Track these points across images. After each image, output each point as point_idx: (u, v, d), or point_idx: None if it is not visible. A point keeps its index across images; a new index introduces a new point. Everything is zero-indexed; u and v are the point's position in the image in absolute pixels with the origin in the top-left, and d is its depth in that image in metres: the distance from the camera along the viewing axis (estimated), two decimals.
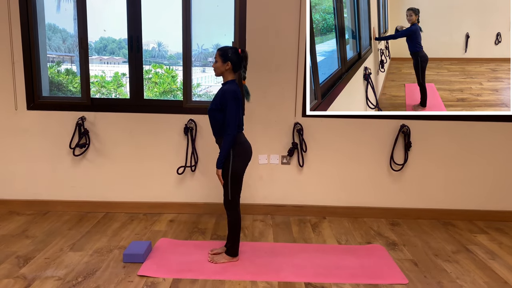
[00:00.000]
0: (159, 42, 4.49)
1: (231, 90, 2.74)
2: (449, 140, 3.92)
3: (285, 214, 4.02)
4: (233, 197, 2.87)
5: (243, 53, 2.83)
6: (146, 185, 3.98)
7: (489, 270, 3.00)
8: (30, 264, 2.90)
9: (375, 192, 4.01)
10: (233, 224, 2.92)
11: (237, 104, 2.74)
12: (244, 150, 2.86)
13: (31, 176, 3.94)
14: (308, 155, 3.94)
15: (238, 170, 2.83)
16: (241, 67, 2.85)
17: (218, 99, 2.79)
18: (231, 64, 2.79)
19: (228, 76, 2.84)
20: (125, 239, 3.37)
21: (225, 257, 2.99)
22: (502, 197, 4.02)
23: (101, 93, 4.46)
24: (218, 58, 2.81)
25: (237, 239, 2.97)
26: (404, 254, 3.24)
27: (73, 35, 4.19)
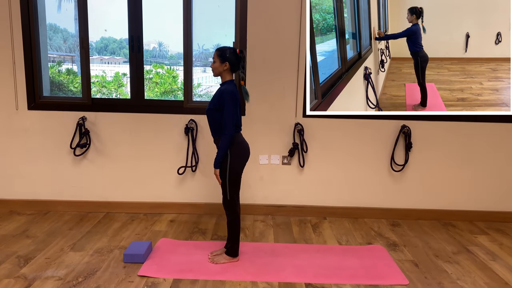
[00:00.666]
0: (160, 42, 4.50)
1: (228, 91, 2.74)
2: (449, 141, 3.92)
3: (285, 214, 4.02)
4: (231, 197, 2.87)
5: (241, 54, 2.83)
6: (147, 185, 3.98)
7: (489, 271, 3.00)
8: (31, 264, 2.90)
9: (376, 192, 4.01)
10: (233, 224, 2.92)
11: (234, 104, 2.74)
12: (242, 150, 2.86)
13: (32, 176, 3.94)
14: (309, 156, 3.94)
15: (236, 170, 2.83)
16: (239, 68, 2.85)
17: (216, 99, 2.79)
18: (229, 65, 2.80)
19: (226, 76, 2.84)
20: (125, 239, 3.37)
21: (225, 257, 2.99)
22: (503, 198, 4.02)
23: (102, 93, 4.46)
24: (216, 58, 2.82)
25: (237, 239, 2.97)
26: (404, 254, 3.23)
27: (74, 35, 4.20)
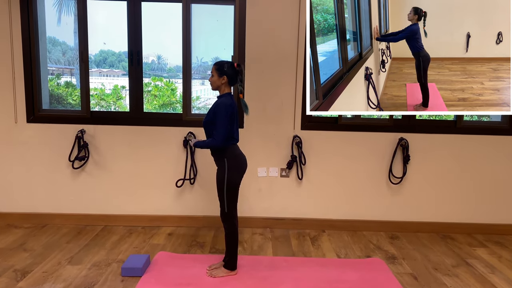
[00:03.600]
0: (159, 55, 4.53)
1: (224, 103, 2.78)
2: (447, 153, 3.94)
3: (284, 227, 4.01)
4: (229, 209, 2.86)
5: (239, 67, 2.87)
6: (145, 198, 3.97)
7: (488, 284, 2.99)
8: (28, 278, 2.88)
9: (374, 205, 4.01)
10: (231, 237, 2.91)
11: (228, 116, 2.77)
12: (239, 163, 2.87)
13: (30, 189, 3.93)
14: (307, 168, 3.94)
15: (233, 182, 2.83)
16: (237, 81, 2.89)
17: (212, 111, 2.82)
18: (227, 78, 2.84)
19: (225, 89, 2.87)
20: (123, 253, 3.35)
21: (223, 270, 2.97)
22: (502, 211, 4.02)
23: (101, 106, 4.47)
24: (214, 72, 2.86)
25: (235, 252, 2.96)
26: (403, 267, 3.23)
27: (73, 47, 4.22)
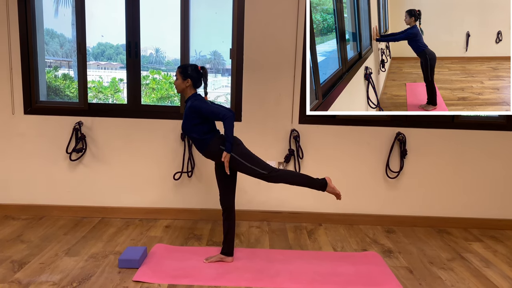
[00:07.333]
0: (157, 48, 4.52)
1: (197, 100, 2.85)
2: (444, 148, 3.95)
3: (281, 220, 4.02)
4: (262, 167, 2.85)
5: (203, 70, 2.93)
6: (142, 190, 3.97)
7: (483, 278, 3.01)
8: (25, 269, 2.89)
9: (371, 199, 4.03)
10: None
11: (207, 103, 2.84)
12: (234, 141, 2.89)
13: (27, 181, 3.92)
14: (305, 162, 3.95)
15: (241, 150, 2.87)
16: (201, 83, 2.95)
17: (190, 114, 2.85)
18: (191, 81, 2.89)
19: (189, 92, 2.93)
20: (120, 245, 3.36)
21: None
22: (498, 205, 4.04)
23: (98, 98, 4.46)
24: (178, 75, 2.91)
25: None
26: (399, 261, 3.24)
27: (70, 40, 4.21)
